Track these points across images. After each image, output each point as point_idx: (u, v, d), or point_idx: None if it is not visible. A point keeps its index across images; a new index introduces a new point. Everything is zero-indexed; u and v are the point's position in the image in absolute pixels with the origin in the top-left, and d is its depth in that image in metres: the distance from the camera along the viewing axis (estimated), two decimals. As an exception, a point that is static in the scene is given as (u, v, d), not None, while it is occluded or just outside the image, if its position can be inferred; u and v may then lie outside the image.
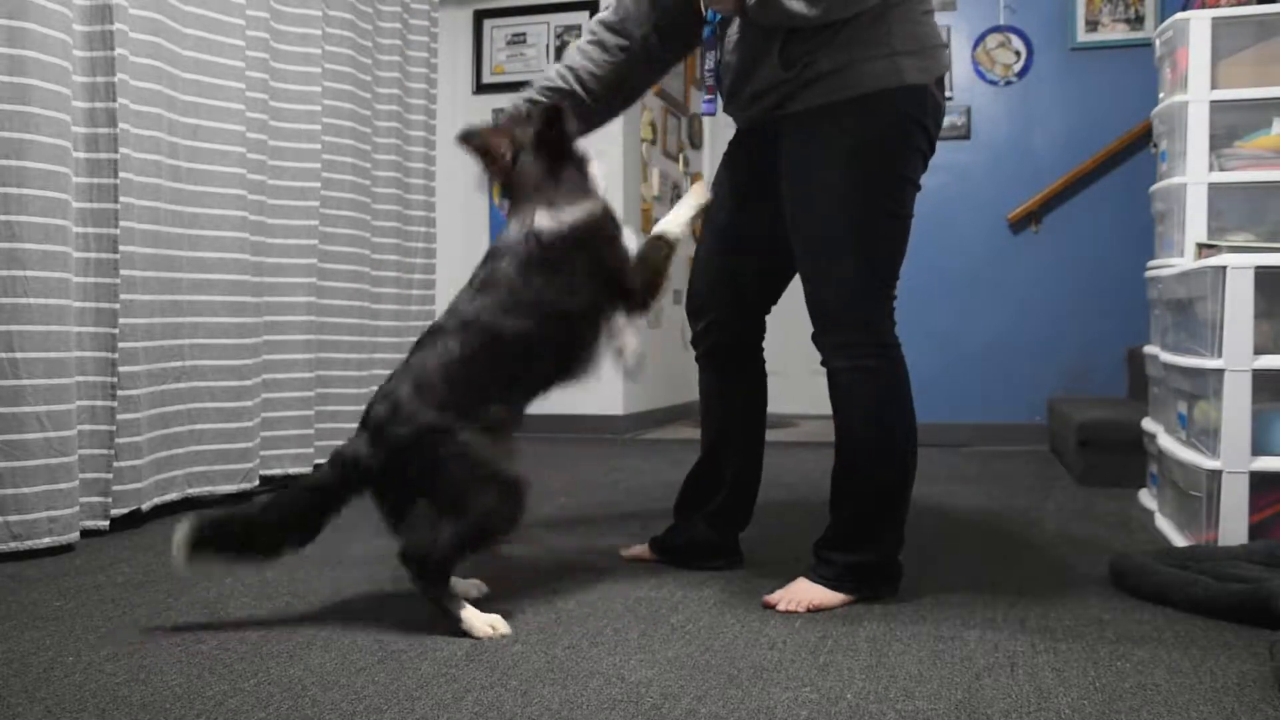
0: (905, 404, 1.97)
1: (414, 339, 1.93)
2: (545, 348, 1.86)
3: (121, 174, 2.55)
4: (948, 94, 4.55)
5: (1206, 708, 1.40)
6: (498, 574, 2.15)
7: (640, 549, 2.30)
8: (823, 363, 1.99)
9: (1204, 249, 2.61)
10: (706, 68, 2.14)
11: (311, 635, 1.73)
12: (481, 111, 5.03)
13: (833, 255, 1.94)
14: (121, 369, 2.56)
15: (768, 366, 2.25)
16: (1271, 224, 2.76)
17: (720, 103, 2.14)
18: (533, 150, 1.91)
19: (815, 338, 2.00)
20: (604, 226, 1.91)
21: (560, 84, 2.12)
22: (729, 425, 2.21)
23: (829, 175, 1.91)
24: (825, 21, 1.85)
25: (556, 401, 2.03)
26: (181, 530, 1.69)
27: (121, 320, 2.56)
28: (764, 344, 2.24)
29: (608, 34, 2.15)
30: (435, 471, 1.73)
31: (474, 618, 1.73)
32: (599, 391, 4.95)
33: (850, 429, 1.98)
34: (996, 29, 4.55)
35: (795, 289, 2.10)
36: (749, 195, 2.10)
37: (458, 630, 1.72)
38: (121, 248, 2.55)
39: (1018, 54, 4.54)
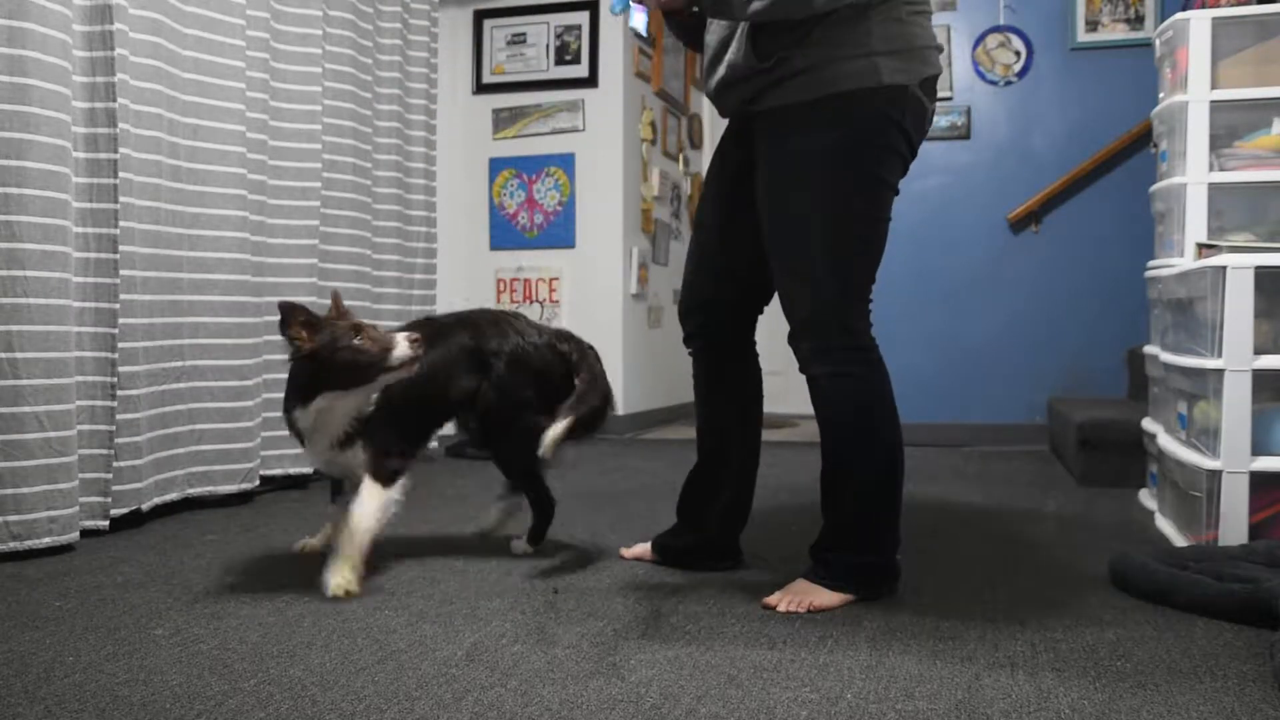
0: (887, 406, 1.96)
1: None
2: None
3: (121, 174, 2.55)
4: (947, 94, 4.56)
5: (1206, 708, 1.40)
6: (498, 573, 2.15)
7: (641, 548, 2.30)
8: (801, 369, 1.98)
9: (1204, 249, 2.61)
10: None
11: (311, 635, 1.73)
12: (482, 111, 5.04)
13: (805, 257, 1.92)
14: (121, 369, 2.56)
15: (766, 366, 2.24)
16: (1271, 224, 2.76)
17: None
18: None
19: (790, 341, 1.98)
20: None
21: None
22: (725, 425, 2.20)
23: (801, 176, 1.90)
24: (770, 19, 1.83)
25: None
26: None
27: (121, 320, 2.56)
28: (756, 340, 2.22)
29: None
30: None
31: None
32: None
33: (834, 434, 1.97)
34: (996, 29, 4.55)
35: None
36: (735, 193, 2.08)
37: None
38: (121, 248, 2.55)
39: (1018, 54, 4.54)
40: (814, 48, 1.85)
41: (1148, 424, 3.03)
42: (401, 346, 2.00)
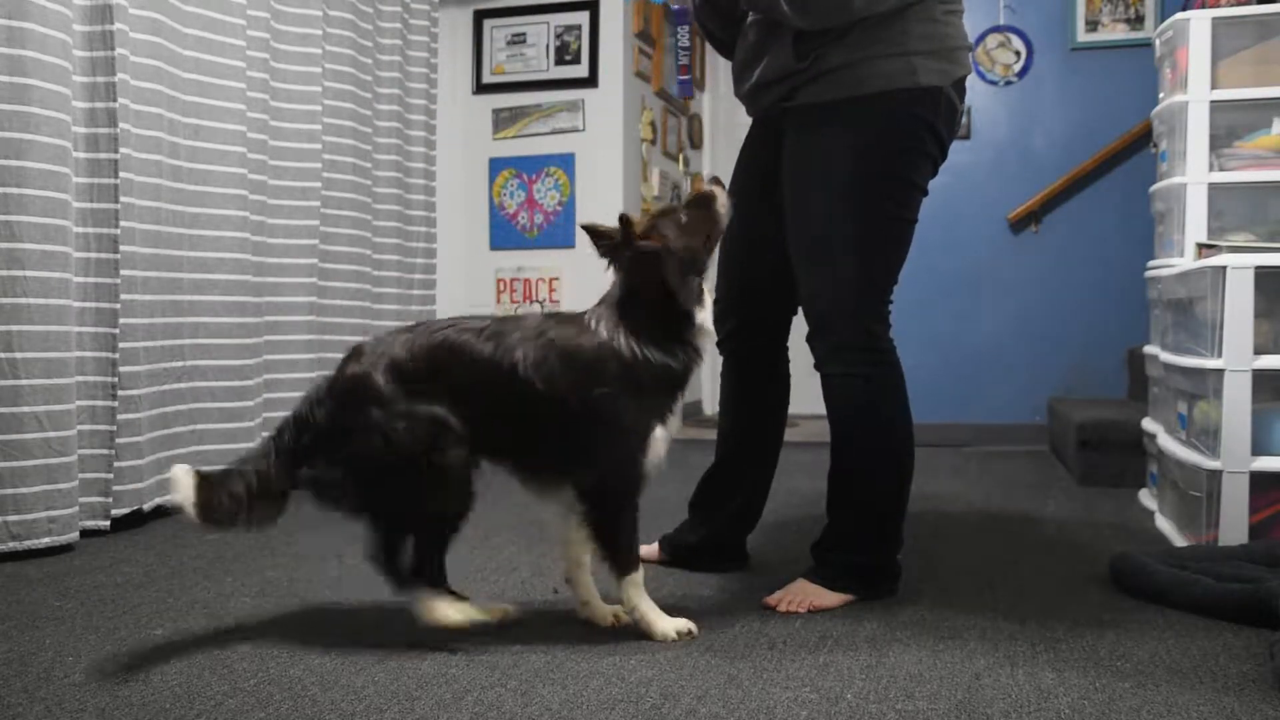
0: (902, 408, 1.95)
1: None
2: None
3: (122, 174, 2.55)
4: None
5: (1206, 708, 1.40)
6: (498, 574, 2.15)
7: (647, 550, 2.28)
8: (816, 367, 1.97)
9: (1204, 249, 2.61)
10: (680, 45, 2.08)
11: (312, 635, 1.73)
12: (482, 111, 5.04)
13: (830, 256, 1.91)
14: (122, 369, 2.56)
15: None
16: (1271, 224, 2.76)
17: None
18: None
19: (809, 340, 1.97)
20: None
21: None
22: (747, 431, 2.19)
23: (831, 174, 1.89)
24: (810, 26, 1.84)
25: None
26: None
27: (122, 320, 2.56)
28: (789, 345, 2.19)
29: None
30: None
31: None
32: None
33: (846, 434, 1.96)
34: (996, 29, 4.55)
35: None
36: (762, 194, 2.05)
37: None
38: (122, 248, 2.55)
39: (1018, 54, 4.54)
40: (850, 46, 1.85)
41: (1148, 424, 3.03)
42: (720, 194, 1.71)
